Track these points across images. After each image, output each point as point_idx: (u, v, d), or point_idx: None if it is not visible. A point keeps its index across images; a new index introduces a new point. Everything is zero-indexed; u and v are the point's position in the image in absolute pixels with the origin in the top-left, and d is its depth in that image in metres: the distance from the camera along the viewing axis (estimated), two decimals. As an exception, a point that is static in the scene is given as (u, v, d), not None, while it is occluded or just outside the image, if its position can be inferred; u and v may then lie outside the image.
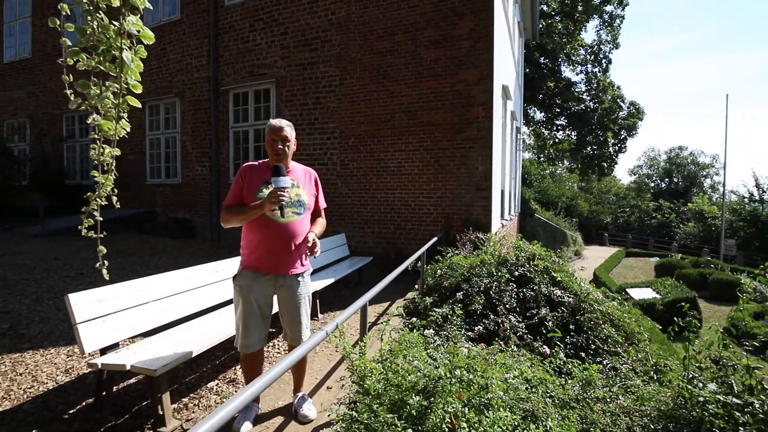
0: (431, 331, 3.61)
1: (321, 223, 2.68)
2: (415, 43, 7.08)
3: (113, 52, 1.32)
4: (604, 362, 3.38)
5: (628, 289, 10.49)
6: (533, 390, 2.65)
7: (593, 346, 3.53)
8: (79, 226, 1.34)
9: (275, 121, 2.45)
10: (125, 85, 1.35)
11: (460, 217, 6.70)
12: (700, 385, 2.32)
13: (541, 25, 17.87)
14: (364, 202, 7.49)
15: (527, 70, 18.10)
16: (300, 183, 2.51)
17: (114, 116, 1.33)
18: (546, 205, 21.88)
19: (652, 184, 31.16)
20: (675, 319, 2.98)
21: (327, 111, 7.74)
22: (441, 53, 6.92)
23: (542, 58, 18.94)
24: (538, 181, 23.63)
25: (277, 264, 2.42)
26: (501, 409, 1.83)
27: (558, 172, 28.78)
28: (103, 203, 1.35)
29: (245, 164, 2.52)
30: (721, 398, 2.13)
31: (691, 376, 2.44)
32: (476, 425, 1.70)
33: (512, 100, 9.75)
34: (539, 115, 20.58)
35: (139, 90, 1.38)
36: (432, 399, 1.74)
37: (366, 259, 6.22)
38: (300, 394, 2.68)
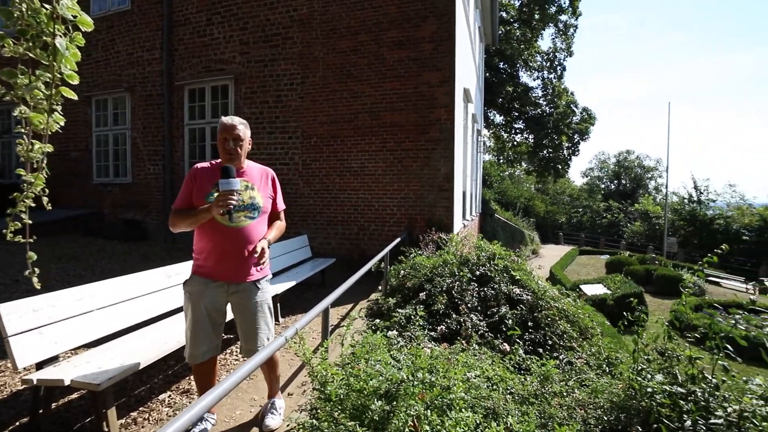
0: (394, 332, 3.59)
1: (278, 226, 2.50)
2: (379, 44, 7.08)
3: (45, 38, 1.20)
4: (561, 357, 3.50)
5: (581, 286, 11.00)
6: (494, 388, 2.70)
7: (550, 342, 3.64)
8: (4, 230, 1.20)
9: (227, 119, 2.29)
10: (59, 75, 1.23)
11: (423, 217, 6.76)
12: (648, 376, 2.44)
13: (500, 31, 18.43)
14: (327, 202, 7.39)
15: (487, 75, 18.60)
16: (255, 184, 2.36)
17: (45, 108, 1.21)
18: (505, 206, 22.58)
19: (603, 186, 33.00)
20: (624, 313, 3.14)
21: (289, 110, 7.58)
22: (404, 54, 6.95)
23: (502, 64, 19.52)
24: (498, 183, 24.36)
25: (230, 271, 2.28)
26: (463, 409, 1.83)
27: (517, 173, 29.81)
28: (31, 204, 1.22)
29: (196, 165, 2.36)
30: (667, 388, 2.24)
31: (640, 368, 2.56)
32: (438, 427, 1.69)
33: (473, 103, 9.97)
34: (499, 119, 21.22)
35: (75, 81, 1.26)
36: (394, 403, 1.71)
37: (329, 260, 6.13)
38: (270, 401, 2.58)
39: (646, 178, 31.42)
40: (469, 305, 3.92)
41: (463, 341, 3.38)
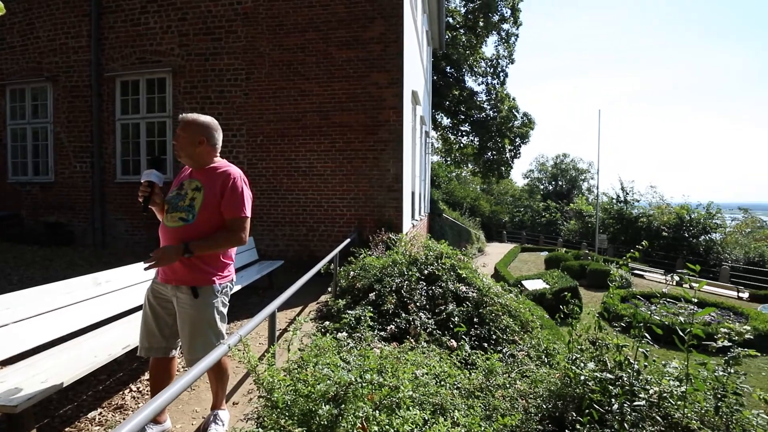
0: (344, 333, 3.57)
1: (217, 237, 2.19)
2: (327, 42, 7.00)
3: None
4: (504, 351, 3.66)
5: (523, 281, 11.58)
6: (442, 384, 2.77)
7: (494, 337, 3.80)
8: None
9: (181, 116, 2.31)
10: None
11: (372, 218, 6.79)
12: (582, 364, 2.61)
13: (447, 36, 18.95)
14: (275, 203, 7.19)
15: (435, 78, 19.06)
16: (205, 187, 2.22)
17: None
18: (453, 206, 23.28)
19: (542, 187, 35.06)
20: (560, 306, 3.35)
21: (232, 106, 7.28)
22: (353, 54, 6.94)
23: (448, 68, 20.09)
24: (446, 183, 25.08)
25: (162, 272, 2.24)
26: (410, 407, 1.86)
27: (463, 174, 30.87)
28: None
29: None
30: (598, 375, 2.42)
31: (574, 357, 2.74)
32: (387, 427, 1.70)
33: (421, 105, 10.17)
34: (446, 121, 21.81)
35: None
36: (343, 406, 1.70)
37: (276, 262, 5.97)
38: (213, 412, 2.46)
39: (579, 179, 33.87)
40: (417, 304, 3.99)
41: (412, 340, 3.43)
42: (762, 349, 8.72)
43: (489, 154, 19.96)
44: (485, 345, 3.69)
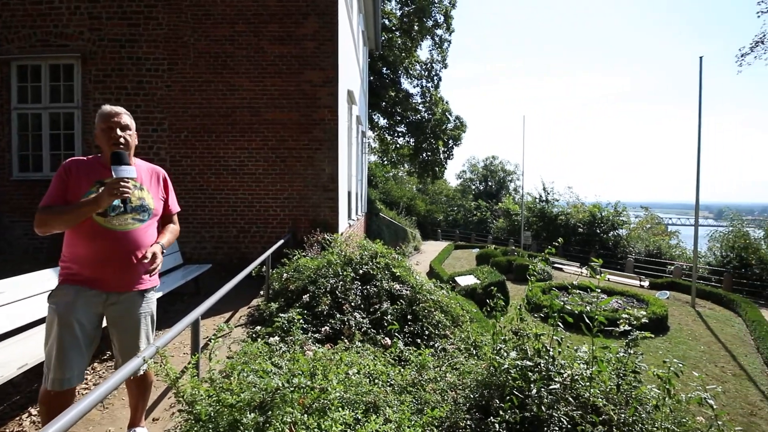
0: (276, 338, 3.47)
1: (172, 230, 2.34)
2: (258, 36, 6.75)
3: None
4: (436, 345, 3.77)
5: (456, 278, 12.06)
6: (375, 382, 2.79)
7: (427, 332, 3.90)
8: None
9: (108, 107, 2.05)
10: None
11: (307, 218, 6.66)
12: (505, 354, 2.77)
13: (383, 38, 19.16)
14: (201, 203, 6.78)
15: (372, 79, 19.19)
16: (144, 184, 2.13)
17: None
18: (390, 205, 23.60)
19: (473, 187, 36.82)
20: (487, 300, 3.53)
21: (152, 99, 6.74)
22: (286, 50, 6.75)
23: (385, 69, 20.34)
24: (383, 183, 25.36)
25: (113, 280, 2.00)
26: (343, 408, 1.84)
27: (400, 174, 31.46)
28: None
29: (71, 159, 2.02)
30: (519, 363, 2.58)
31: (498, 347, 2.90)
32: (316, 430, 1.67)
33: (358, 105, 10.18)
34: (383, 122, 22.07)
35: None
36: (270, 413, 1.64)
37: (204, 266, 5.63)
38: (131, 431, 2.26)
39: (507, 180, 36.07)
40: (352, 304, 3.98)
41: (347, 340, 3.42)
42: (659, 331, 9.92)
43: (424, 155, 20.53)
44: (418, 341, 3.79)
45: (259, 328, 3.97)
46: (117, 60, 6.73)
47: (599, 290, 2.66)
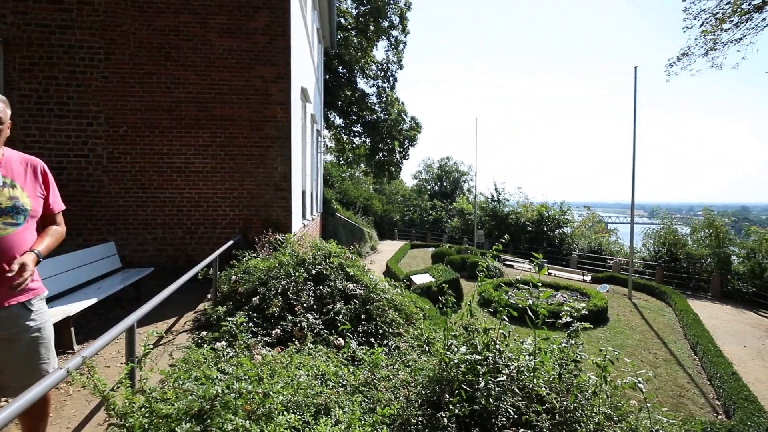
0: (223, 342, 3.32)
1: (53, 233, 1.98)
2: (206, 28, 6.45)
3: None
4: (390, 344, 3.78)
5: (412, 276, 12.19)
6: (326, 383, 2.74)
7: (381, 331, 3.90)
8: None
9: None
10: None
11: (259, 218, 6.45)
12: (455, 349, 2.82)
13: (339, 36, 19.02)
14: (143, 203, 6.37)
15: (327, 77, 18.99)
16: (18, 181, 1.83)
17: None
18: (346, 205, 23.47)
19: (429, 187, 37.46)
20: (439, 297, 3.58)
21: (87, 90, 6.25)
22: (235, 44, 6.51)
23: (341, 68, 20.20)
24: (339, 183, 25.15)
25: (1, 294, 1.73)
26: (285, 411, 1.78)
27: (356, 174, 31.38)
28: None
29: None
30: (468, 357, 2.63)
31: (449, 343, 2.94)
32: (260, 437, 1.60)
33: (312, 103, 10.01)
34: (339, 121, 21.91)
35: None
36: (209, 421, 1.55)
37: (145, 270, 5.30)
38: None
39: (461, 181, 37.03)
40: (305, 305, 3.90)
41: (297, 342, 3.34)
42: (599, 322, 10.58)
43: (380, 155, 20.61)
44: (372, 340, 3.77)
45: (205, 333, 3.79)
46: (46, 47, 6.17)
47: (540, 284, 2.77)
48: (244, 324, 3.65)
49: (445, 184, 37.03)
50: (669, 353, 9.05)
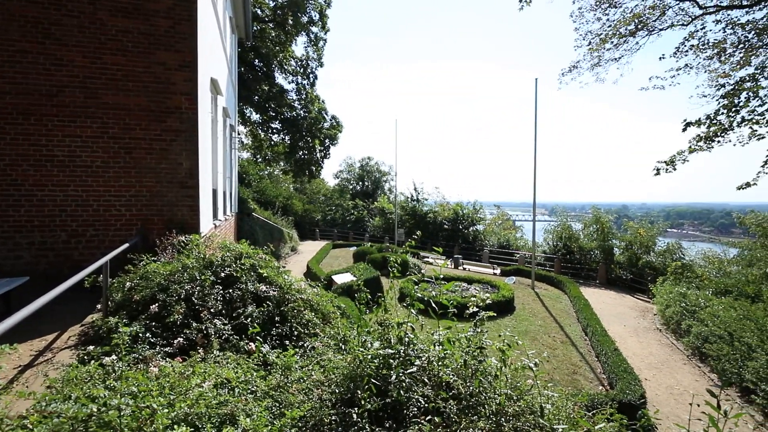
0: (113, 357, 2.96)
1: None
2: (95, 5, 5.73)
3: None
4: (306, 345, 3.68)
5: (333, 276, 12.09)
6: (234, 391, 2.57)
7: (296, 333, 3.78)
8: None
9: None
10: None
11: (161, 218, 5.89)
12: (369, 345, 2.83)
13: (255, 28, 18.16)
14: (15, 202, 5.46)
15: (243, 70, 18.04)
16: None
17: None
18: (265, 205, 22.53)
19: (351, 187, 37.49)
20: (354, 296, 3.57)
21: (-65, 67, 5.19)
22: (132, 25, 5.87)
23: (257, 61, 19.31)
24: (256, 182, 24.05)
25: None
26: (181, 425, 1.63)
27: (276, 173, 30.28)
28: None
29: None
30: (381, 352, 2.65)
31: (363, 339, 2.94)
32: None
33: (224, 95, 9.43)
34: (256, 116, 20.94)
35: None
36: (81, 447, 1.35)
37: (17, 280, 4.54)
38: None
39: (382, 180, 37.64)
40: (212, 310, 3.64)
41: (202, 350, 3.10)
42: (507, 311, 11.46)
43: (300, 153, 20.10)
44: (287, 342, 3.64)
45: (92, 348, 3.35)
46: None
47: (441, 277, 2.90)
48: (140, 334, 3.32)
49: (366, 183, 37.37)
50: (565, 336, 10.10)
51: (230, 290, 3.87)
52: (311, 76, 21.06)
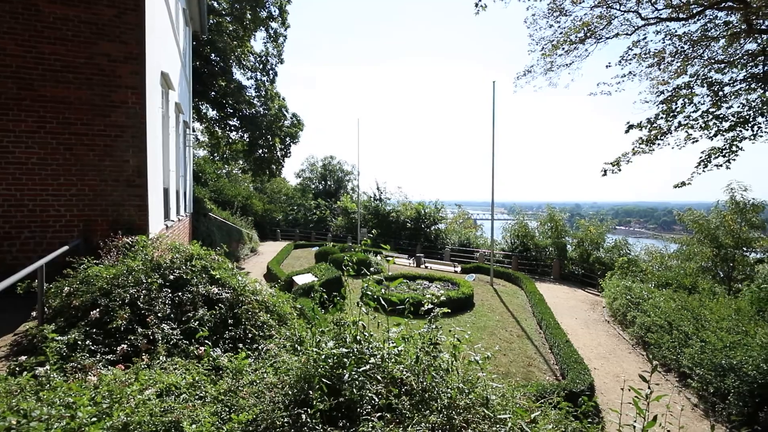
0: (47, 367, 2.77)
1: None
2: (28, -11, 5.31)
3: None
4: (260, 347, 3.60)
5: (294, 277, 11.91)
6: (179, 398, 2.48)
7: (250, 335, 3.69)
8: None
9: None
10: None
11: (106, 219, 5.55)
12: (324, 345, 2.81)
13: (211, 21, 17.53)
14: (-65, 201, 4.98)
15: (197, 64, 17.37)
16: None
17: None
18: (222, 205, 21.81)
19: (313, 186, 37.02)
20: (312, 296, 3.53)
21: None
22: (72, 13, 5.50)
23: (213, 55, 18.63)
24: (213, 181, 23.20)
25: None
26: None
27: (234, 172, 29.37)
28: None
29: None
30: (335, 351, 2.64)
31: (318, 339, 2.92)
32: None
33: (177, 90, 9.04)
34: (212, 113, 20.22)
35: None
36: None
37: (-63, 286, 4.13)
38: None
39: (345, 180, 37.42)
40: (160, 315, 3.48)
41: (147, 357, 2.96)
42: (467, 308, 11.73)
43: (260, 151, 19.60)
44: (240, 345, 3.54)
45: (25, 358, 3.12)
46: None
47: (389, 273, 2.92)
48: (79, 342, 3.13)
49: (329, 183, 37.05)
50: (521, 330, 10.49)
51: (180, 293, 3.72)
52: (271, 72, 20.61)
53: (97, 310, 3.34)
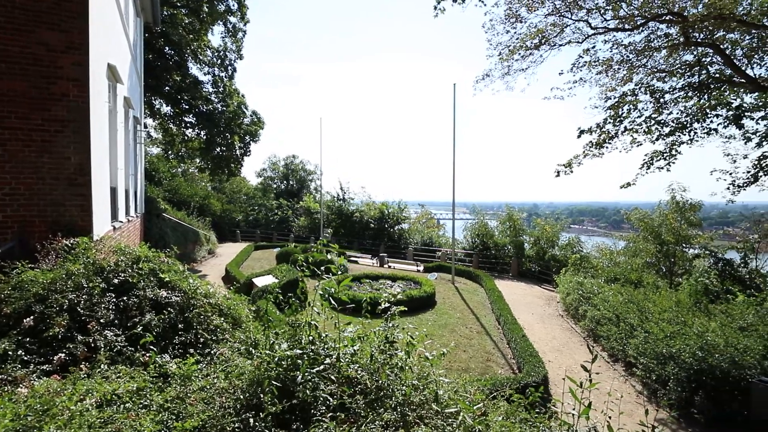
0: (-30, 380, 2.56)
1: None
2: (-48, -31, 4.86)
3: None
4: (213, 351, 3.48)
5: (254, 279, 11.61)
6: (122, 407, 2.35)
7: (202, 340, 3.56)
8: None
9: None
10: None
11: (44, 220, 5.17)
12: (277, 347, 2.76)
13: (165, 13, 16.76)
14: None
15: (150, 57, 16.55)
16: None
17: None
18: (178, 205, 20.90)
19: (275, 186, 36.22)
20: (277, 298, 3.46)
21: None
22: (4, -2, 5.08)
23: (168, 48, 17.81)
24: (168, 180, 22.15)
25: None
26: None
27: (191, 171, 28.19)
28: None
29: None
30: (288, 353, 2.60)
31: (272, 342, 2.86)
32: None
33: (125, 84, 8.57)
34: (167, 109, 19.33)
35: None
36: None
37: None
38: None
39: (308, 180, 36.86)
40: (102, 321, 3.29)
41: (86, 365, 2.79)
42: (429, 306, 11.90)
43: (218, 149, 18.92)
44: (191, 350, 3.41)
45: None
46: None
47: (340, 272, 2.92)
48: (10, 352, 2.91)
49: (291, 182, 36.41)
50: (481, 326, 10.77)
51: (125, 298, 3.53)
52: (230, 68, 19.99)
53: (32, 317, 3.11)
